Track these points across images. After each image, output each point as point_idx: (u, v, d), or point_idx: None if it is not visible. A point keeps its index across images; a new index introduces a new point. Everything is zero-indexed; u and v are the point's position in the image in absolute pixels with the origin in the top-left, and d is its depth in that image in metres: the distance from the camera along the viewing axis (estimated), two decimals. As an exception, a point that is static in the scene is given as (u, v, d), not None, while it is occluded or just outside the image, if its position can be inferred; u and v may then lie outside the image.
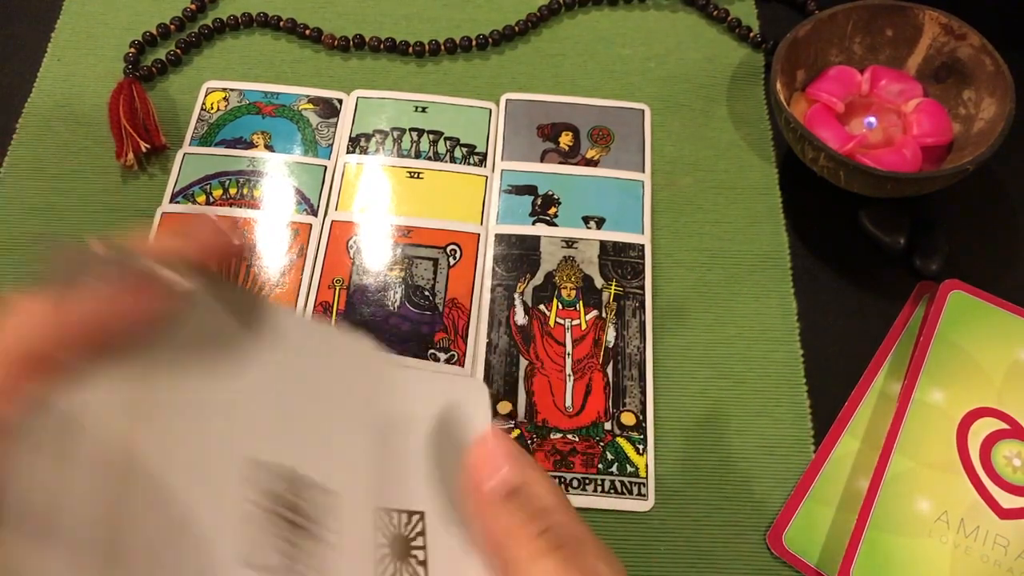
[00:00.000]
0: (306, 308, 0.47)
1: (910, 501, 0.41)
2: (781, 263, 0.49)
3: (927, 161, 0.50)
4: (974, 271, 0.48)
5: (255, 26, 0.58)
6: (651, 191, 0.52)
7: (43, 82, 0.55)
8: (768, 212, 0.51)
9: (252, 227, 0.49)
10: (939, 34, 0.51)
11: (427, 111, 0.54)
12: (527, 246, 0.49)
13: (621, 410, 0.44)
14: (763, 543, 0.41)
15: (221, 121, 0.53)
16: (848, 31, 0.52)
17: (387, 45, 0.57)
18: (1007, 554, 0.40)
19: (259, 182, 0.51)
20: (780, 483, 0.43)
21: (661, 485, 0.43)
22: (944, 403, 0.43)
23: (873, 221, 0.50)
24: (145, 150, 0.51)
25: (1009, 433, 0.43)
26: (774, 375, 0.46)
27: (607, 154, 0.53)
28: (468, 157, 0.52)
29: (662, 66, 0.57)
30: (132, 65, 0.55)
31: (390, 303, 0.47)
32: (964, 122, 0.50)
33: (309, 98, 0.55)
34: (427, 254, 0.49)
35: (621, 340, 0.46)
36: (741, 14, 0.59)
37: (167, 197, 0.50)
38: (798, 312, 0.48)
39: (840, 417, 0.45)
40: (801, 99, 0.52)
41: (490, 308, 0.47)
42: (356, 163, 0.52)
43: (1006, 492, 0.41)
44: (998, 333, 0.45)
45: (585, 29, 0.58)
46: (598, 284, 0.48)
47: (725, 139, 0.54)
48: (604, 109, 0.55)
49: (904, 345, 0.47)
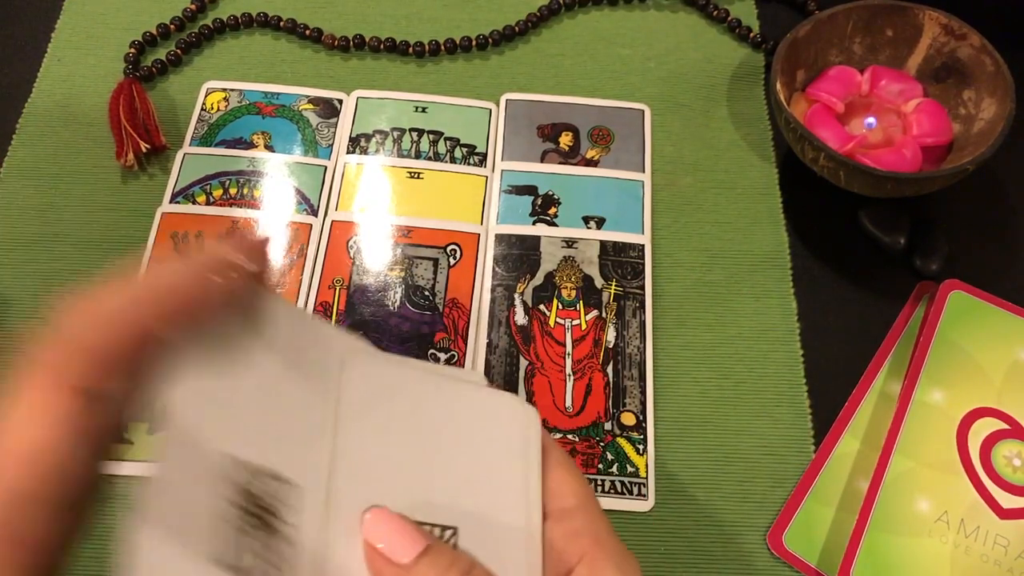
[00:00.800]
0: (306, 308, 0.47)
1: (910, 501, 0.41)
2: (781, 263, 0.49)
3: (927, 161, 0.50)
4: (974, 271, 0.48)
5: (255, 26, 0.58)
6: (651, 191, 0.52)
7: (43, 82, 0.55)
8: (768, 212, 0.51)
9: (252, 227, 0.49)
10: (939, 34, 0.51)
11: (427, 111, 0.54)
12: (527, 246, 0.49)
13: (621, 410, 0.45)
14: (763, 543, 0.41)
15: (221, 121, 0.53)
16: (848, 31, 0.52)
17: (387, 45, 0.57)
18: (1007, 554, 0.40)
19: (259, 182, 0.51)
20: (780, 483, 0.43)
21: (661, 485, 0.43)
22: (944, 403, 0.43)
23: (873, 221, 0.50)
24: (145, 150, 0.51)
25: (1009, 433, 0.43)
26: (774, 375, 0.46)
27: (607, 154, 0.53)
28: (468, 157, 0.52)
29: (662, 66, 0.57)
30: (132, 65, 0.55)
31: (390, 303, 0.47)
32: (964, 122, 0.50)
33: (309, 98, 0.55)
34: (427, 254, 0.49)
35: (621, 340, 0.46)
36: (741, 14, 0.59)
37: (167, 197, 0.50)
38: (798, 312, 0.48)
39: (840, 417, 0.45)
40: (801, 99, 0.52)
41: (490, 308, 0.47)
42: (356, 163, 0.52)
43: (1006, 492, 0.41)
44: (998, 333, 0.45)
45: (585, 29, 0.58)
46: (598, 284, 0.48)
47: (725, 139, 0.54)
48: (604, 109, 0.55)
49: (904, 345, 0.47)
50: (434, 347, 0.46)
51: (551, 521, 0.28)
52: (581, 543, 0.28)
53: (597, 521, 0.29)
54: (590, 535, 0.28)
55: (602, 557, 0.27)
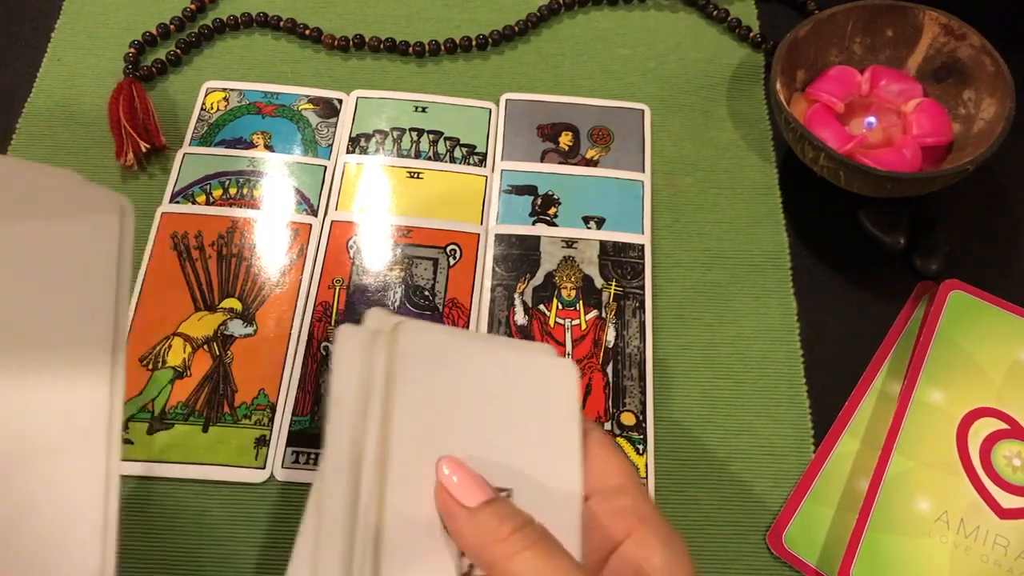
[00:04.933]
0: (306, 308, 0.47)
1: (910, 501, 0.41)
2: (781, 263, 0.49)
3: (927, 161, 0.50)
4: (974, 271, 0.48)
5: (255, 26, 0.58)
6: (651, 191, 0.52)
7: (43, 82, 0.55)
8: (768, 212, 0.51)
9: (252, 227, 0.49)
10: (939, 34, 0.51)
11: (427, 111, 0.54)
12: (527, 246, 0.49)
13: (621, 410, 0.44)
14: (763, 543, 0.41)
15: (221, 121, 0.53)
16: (848, 31, 0.52)
17: (387, 45, 0.57)
18: (1007, 554, 0.40)
19: (259, 182, 0.51)
20: (780, 483, 0.43)
21: (661, 485, 0.43)
22: (944, 403, 0.43)
23: (873, 221, 0.50)
24: (145, 150, 0.51)
25: (1009, 433, 0.43)
26: (774, 375, 0.46)
27: (607, 154, 0.53)
28: (468, 157, 0.52)
29: (662, 66, 0.57)
30: (132, 65, 0.55)
31: (390, 303, 0.47)
32: (964, 122, 0.50)
33: (309, 98, 0.55)
34: (427, 254, 0.49)
35: (621, 340, 0.46)
36: (741, 14, 0.59)
37: (167, 197, 0.50)
38: (798, 312, 0.48)
39: (840, 417, 0.45)
40: (801, 99, 0.52)
41: (490, 308, 0.47)
42: (356, 163, 0.52)
43: (1006, 492, 0.41)
44: (998, 333, 0.45)
45: (585, 29, 0.58)
46: (598, 284, 0.48)
47: (725, 139, 0.54)
48: (604, 109, 0.55)
49: (904, 345, 0.47)
50: (434, 347, 0.46)
51: (597, 498, 0.29)
52: (627, 520, 0.28)
53: (642, 500, 0.29)
54: (636, 513, 0.29)
55: (649, 533, 0.28)
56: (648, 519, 0.28)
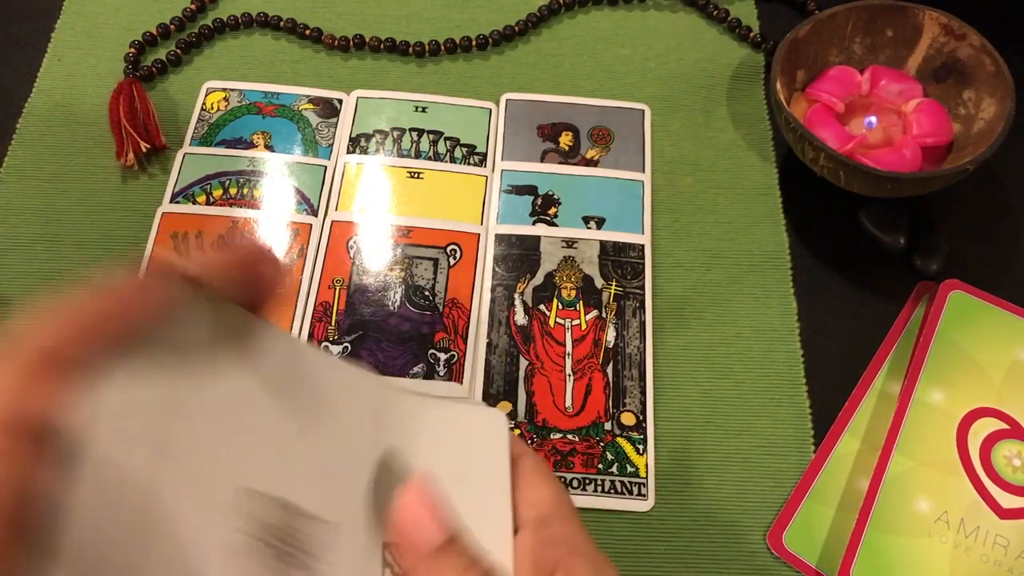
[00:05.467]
0: (306, 308, 0.47)
1: (910, 501, 0.41)
2: (781, 263, 0.49)
3: (927, 161, 0.50)
4: (974, 271, 0.48)
5: (255, 26, 0.58)
6: (651, 191, 0.52)
7: (43, 82, 0.55)
8: (768, 212, 0.51)
9: (252, 227, 0.49)
10: (939, 34, 0.51)
11: (427, 111, 0.54)
12: (527, 246, 0.49)
13: (621, 410, 0.45)
14: (763, 543, 0.41)
15: (221, 121, 0.53)
16: (848, 31, 0.52)
17: (387, 45, 0.57)
18: (1007, 554, 0.40)
19: (259, 182, 0.51)
20: (780, 483, 0.43)
21: (661, 485, 0.43)
22: (944, 403, 0.43)
23: (873, 221, 0.50)
24: (145, 150, 0.51)
25: (1009, 433, 0.43)
26: (774, 375, 0.46)
27: (607, 154, 0.53)
28: (468, 157, 0.52)
29: (662, 66, 0.57)
30: (132, 65, 0.55)
31: (390, 303, 0.47)
32: (964, 122, 0.50)
33: (309, 98, 0.55)
34: (427, 254, 0.49)
35: (621, 340, 0.46)
36: (741, 14, 0.59)
37: (167, 197, 0.50)
38: (798, 312, 0.48)
39: (840, 417, 0.45)
40: (801, 99, 0.52)
41: (490, 308, 0.47)
42: (356, 163, 0.52)
43: (1006, 492, 0.41)
44: (998, 333, 0.45)
45: (585, 29, 0.58)
46: (598, 284, 0.48)
47: (725, 139, 0.54)
48: (604, 109, 0.55)
49: (904, 345, 0.47)
50: (434, 347, 0.46)
51: (528, 529, 0.28)
52: (557, 550, 0.28)
53: (573, 527, 0.28)
54: (566, 542, 0.28)
55: (578, 563, 0.27)
56: (578, 547, 0.28)
